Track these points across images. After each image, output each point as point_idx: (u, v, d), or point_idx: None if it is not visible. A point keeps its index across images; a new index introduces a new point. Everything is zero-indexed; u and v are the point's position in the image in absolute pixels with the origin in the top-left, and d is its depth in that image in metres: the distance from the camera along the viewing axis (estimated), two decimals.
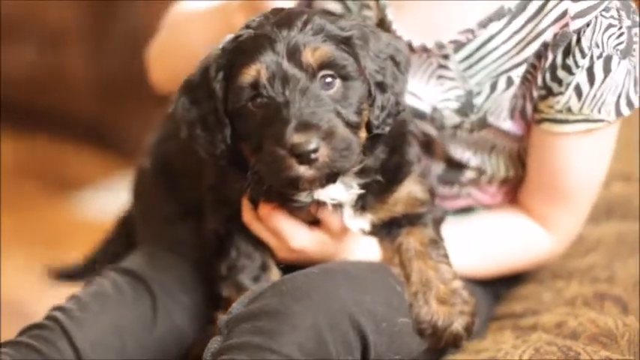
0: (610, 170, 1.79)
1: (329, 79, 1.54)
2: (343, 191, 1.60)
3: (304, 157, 1.47)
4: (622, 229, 1.94)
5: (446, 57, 1.70)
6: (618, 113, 1.68)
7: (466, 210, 1.84)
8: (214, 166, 1.67)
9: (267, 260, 1.68)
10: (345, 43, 1.56)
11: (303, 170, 1.48)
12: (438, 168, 1.79)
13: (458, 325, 1.61)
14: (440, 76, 1.72)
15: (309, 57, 1.53)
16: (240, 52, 1.56)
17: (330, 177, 1.52)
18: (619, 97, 1.67)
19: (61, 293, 2.79)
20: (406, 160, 1.65)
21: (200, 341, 1.70)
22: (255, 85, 1.53)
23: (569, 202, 1.76)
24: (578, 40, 1.64)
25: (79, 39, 3.80)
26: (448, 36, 1.69)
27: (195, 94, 1.61)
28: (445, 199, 1.80)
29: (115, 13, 3.76)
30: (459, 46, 1.69)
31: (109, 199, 3.59)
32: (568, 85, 1.66)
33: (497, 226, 1.79)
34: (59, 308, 1.70)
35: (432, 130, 1.74)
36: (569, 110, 1.68)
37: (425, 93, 1.73)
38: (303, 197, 1.61)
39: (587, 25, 1.63)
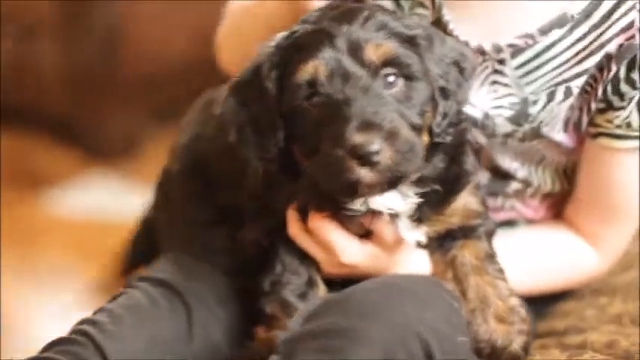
0: None
1: (392, 78, 1.45)
2: (400, 200, 1.51)
3: (366, 159, 1.38)
4: None
5: (502, 62, 1.63)
6: None
7: (508, 223, 1.76)
8: (260, 173, 1.57)
9: (313, 275, 1.58)
10: (409, 42, 1.47)
11: (364, 173, 1.39)
12: (483, 178, 1.71)
13: (516, 345, 1.54)
14: (494, 82, 1.64)
15: (371, 53, 1.44)
16: (296, 48, 1.47)
17: (392, 182, 1.42)
18: None
19: (39, 292, 2.71)
20: (465, 170, 1.57)
21: (238, 358, 1.62)
22: (313, 82, 1.44)
23: (619, 220, 1.70)
24: None
25: (52, 34, 3.68)
26: (506, 40, 1.61)
27: (245, 94, 1.51)
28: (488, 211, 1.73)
29: (91, 9, 3.65)
30: (517, 51, 1.61)
31: (83, 198, 3.52)
32: (631, 99, 1.59)
33: (544, 241, 1.73)
34: (89, 321, 1.58)
35: (481, 138, 1.67)
36: (628, 126, 1.61)
37: (477, 98, 1.65)
38: (358, 206, 1.51)
39: None
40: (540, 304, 1.78)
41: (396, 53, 1.45)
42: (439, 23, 1.63)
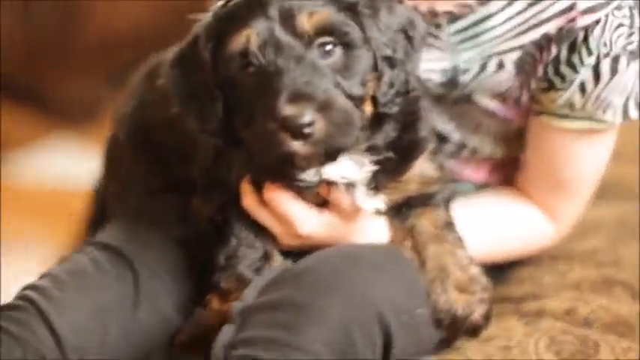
0: None
1: (328, 47, 1.41)
2: (355, 169, 1.48)
3: (297, 131, 1.35)
4: (621, 211, 1.90)
5: (438, 26, 1.61)
6: (626, 116, 1.60)
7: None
8: (208, 146, 1.54)
9: (269, 249, 1.55)
10: (349, 9, 1.43)
11: (297, 146, 1.36)
12: None
13: (477, 314, 1.51)
14: (429, 45, 1.61)
15: (304, 22, 1.40)
16: (230, 18, 1.44)
17: (329, 154, 1.40)
18: (627, 99, 1.59)
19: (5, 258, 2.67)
20: (419, 138, 1.54)
21: (187, 326, 1.58)
22: (245, 53, 1.40)
23: (570, 193, 1.69)
24: (585, 38, 1.55)
25: None
26: (444, 6, 1.59)
27: (184, 66, 1.48)
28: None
29: None
30: (453, 17, 1.60)
31: (45, 162, 3.47)
32: (572, 82, 1.58)
33: (500, 210, 1.71)
34: (32, 287, 1.55)
35: None
36: (571, 106, 1.60)
37: None
38: (311, 177, 1.48)
39: (597, 22, 1.55)
40: (497, 269, 1.74)
41: (331, 21, 1.41)
42: None
